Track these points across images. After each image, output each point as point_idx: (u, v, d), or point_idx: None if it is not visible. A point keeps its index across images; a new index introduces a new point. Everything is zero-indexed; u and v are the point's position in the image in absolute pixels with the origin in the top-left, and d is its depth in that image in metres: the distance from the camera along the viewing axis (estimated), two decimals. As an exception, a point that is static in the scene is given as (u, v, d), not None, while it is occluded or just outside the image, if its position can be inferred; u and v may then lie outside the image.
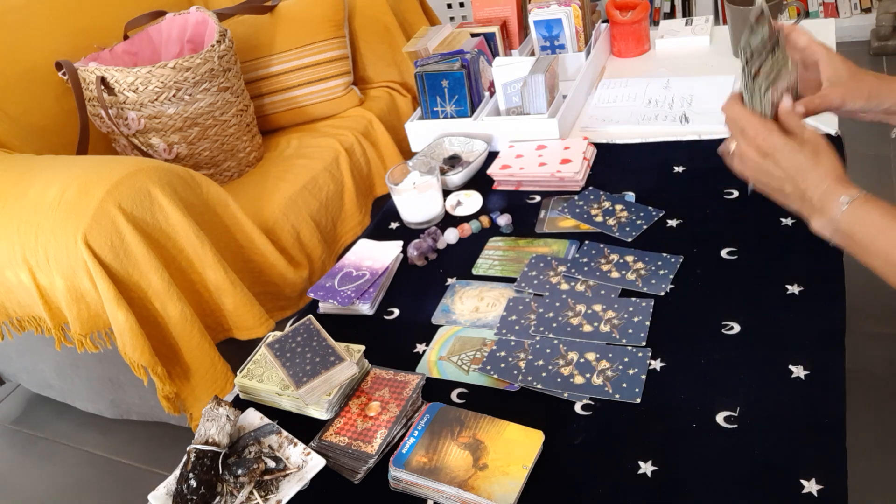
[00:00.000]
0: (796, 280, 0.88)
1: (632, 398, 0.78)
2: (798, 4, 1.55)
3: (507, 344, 0.89)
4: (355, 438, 0.80)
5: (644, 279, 0.93)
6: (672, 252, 0.97)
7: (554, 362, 0.85)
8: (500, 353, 0.88)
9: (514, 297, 0.96)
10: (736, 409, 0.75)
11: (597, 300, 0.92)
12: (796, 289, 0.87)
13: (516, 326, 0.91)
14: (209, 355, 1.37)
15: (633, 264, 0.96)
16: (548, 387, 0.82)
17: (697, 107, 1.28)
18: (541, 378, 0.83)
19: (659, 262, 0.96)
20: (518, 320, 0.92)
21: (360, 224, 1.81)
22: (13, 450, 1.82)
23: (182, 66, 1.58)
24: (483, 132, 1.31)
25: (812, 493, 0.65)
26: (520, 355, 0.87)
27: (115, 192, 1.27)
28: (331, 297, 1.02)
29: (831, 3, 2.72)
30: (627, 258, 0.98)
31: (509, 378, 0.84)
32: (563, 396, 0.81)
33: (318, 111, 1.95)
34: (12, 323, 1.46)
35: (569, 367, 0.84)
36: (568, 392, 0.81)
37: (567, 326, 0.89)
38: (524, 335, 0.90)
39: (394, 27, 2.03)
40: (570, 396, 0.81)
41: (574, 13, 1.43)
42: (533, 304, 0.94)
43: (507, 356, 0.87)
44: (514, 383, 0.84)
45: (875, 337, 1.56)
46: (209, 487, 0.76)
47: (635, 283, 0.93)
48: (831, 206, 0.71)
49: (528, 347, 0.88)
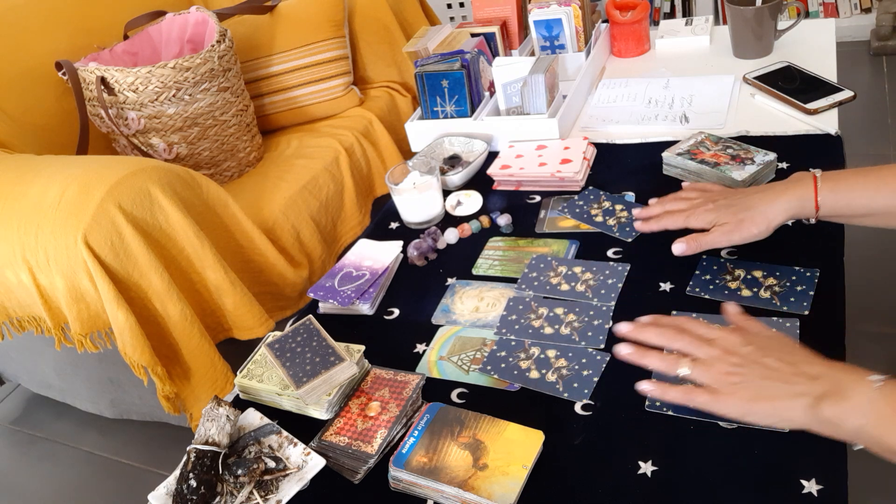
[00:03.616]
0: (796, 280, 0.88)
1: (579, 398, 0.80)
2: (798, 4, 1.56)
3: (507, 344, 0.89)
4: (355, 438, 0.80)
5: (781, 296, 0.86)
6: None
7: (515, 355, 0.87)
8: (501, 352, 0.88)
9: (514, 296, 0.96)
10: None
11: None
12: (796, 289, 0.87)
13: (516, 326, 0.91)
14: (209, 355, 1.37)
15: (764, 280, 0.89)
16: (502, 377, 0.84)
17: (697, 107, 1.28)
18: (499, 369, 0.86)
19: (793, 276, 0.88)
20: (518, 320, 0.92)
21: (360, 224, 1.81)
22: (13, 450, 1.82)
23: (182, 66, 1.58)
24: (483, 132, 1.31)
25: (812, 493, 0.65)
26: (520, 355, 0.87)
27: (115, 192, 1.27)
28: (331, 297, 1.02)
29: (831, 3, 2.72)
30: (756, 273, 0.90)
31: (509, 378, 0.84)
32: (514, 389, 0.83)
33: (318, 111, 1.95)
34: (12, 323, 1.46)
35: (528, 360, 0.86)
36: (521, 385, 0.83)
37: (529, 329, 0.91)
38: (524, 335, 0.90)
39: (394, 27, 2.04)
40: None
41: (574, 13, 1.43)
42: (533, 303, 0.94)
43: (508, 356, 0.87)
44: (513, 383, 0.84)
45: (875, 337, 1.56)
46: (209, 487, 0.77)
47: (772, 301, 0.86)
48: (858, 386, 0.64)
49: (528, 347, 0.88)
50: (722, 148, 1.08)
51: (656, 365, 0.73)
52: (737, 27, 1.39)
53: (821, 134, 1.14)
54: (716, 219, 0.87)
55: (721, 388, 0.68)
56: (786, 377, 0.66)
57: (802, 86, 1.24)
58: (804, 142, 1.13)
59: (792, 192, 0.84)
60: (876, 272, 1.68)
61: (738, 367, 0.68)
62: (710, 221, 0.87)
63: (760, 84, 1.27)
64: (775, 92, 1.24)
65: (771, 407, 0.66)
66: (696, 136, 1.12)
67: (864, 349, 1.51)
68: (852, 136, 1.26)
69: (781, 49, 1.40)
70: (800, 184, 0.84)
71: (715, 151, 1.08)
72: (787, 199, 0.83)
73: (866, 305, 1.60)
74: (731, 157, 1.06)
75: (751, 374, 0.67)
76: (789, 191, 0.84)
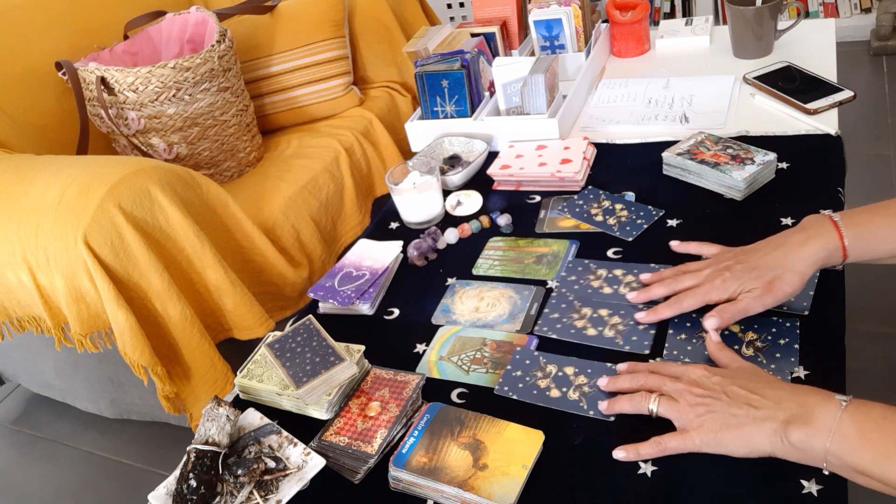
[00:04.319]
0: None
1: (605, 416, 0.77)
2: (798, 4, 1.56)
3: (521, 363, 0.86)
4: (355, 438, 0.80)
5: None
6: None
7: (532, 374, 0.84)
8: (516, 372, 0.85)
9: (555, 294, 0.93)
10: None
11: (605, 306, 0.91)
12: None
13: (558, 325, 0.89)
14: (209, 355, 1.37)
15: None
16: (522, 398, 0.82)
17: (697, 107, 1.28)
18: (517, 389, 0.83)
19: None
20: (560, 318, 0.90)
21: (360, 224, 1.81)
22: (13, 450, 1.82)
23: (182, 66, 1.58)
24: (483, 132, 1.31)
25: (812, 493, 0.65)
26: (537, 374, 0.84)
27: (115, 192, 1.27)
28: (331, 297, 1.02)
29: (831, 3, 2.72)
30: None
31: (529, 399, 0.81)
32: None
33: (318, 111, 1.95)
34: (12, 323, 1.46)
35: (546, 379, 0.83)
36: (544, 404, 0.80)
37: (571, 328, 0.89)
38: (566, 334, 0.88)
39: (394, 27, 2.04)
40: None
41: (574, 13, 1.43)
42: (576, 303, 0.92)
43: (524, 376, 0.84)
44: (536, 404, 0.81)
45: (875, 337, 1.56)
46: (209, 487, 0.77)
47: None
48: (825, 406, 0.63)
49: (544, 365, 0.85)
50: (722, 148, 1.08)
51: (626, 408, 0.74)
52: (737, 27, 1.39)
53: (821, 134, 1.14)
54: (739, 287, 0.80)
55: (689, 424, 0.69)
56: (750, 402, 0.67)
57: (802, 86, 1.24)
58: (804, 142, 1.13)
59: (816, 242, 0.78)
60: (876, 272, 1.68)
61: (703, 398, 0.69)
62: (735, 291, 0.80)
63: (760, 84, 1.27)
64: (775, 92, 1.24)
65: (740, 436, 0.66)
66: (696, 136, 1.12)
67: (864, 349, 1.52)
68: (852, 136, 1.26)
69: (781, 49, 1.40)
70: (822, 231, 0.78)
71: (715, 151, 1.08)
72: (814, 250, 0.77)
73: (866, 305, 1.61)
74: (731, 157, 1.06)
75: (715, 403, 0.68)
76: (812, 240, 0.78)
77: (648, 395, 0.73)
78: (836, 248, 0.77)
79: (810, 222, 0.81)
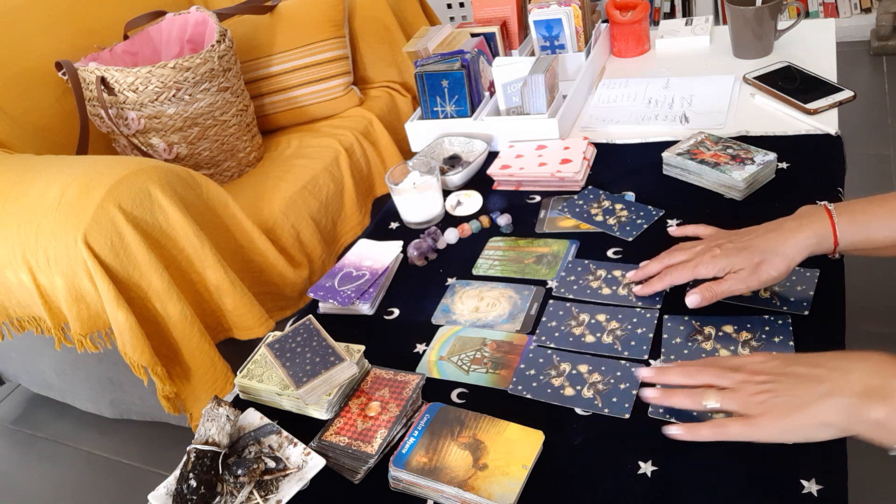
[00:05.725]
0: (796, 280, 0.88)
1: (621, 413, 0.77)
2: (798, 4, 1.56)
3: (535, 362, 0.86)
4: (355, 438, 0.80)
5: (781, 296, 0.85)
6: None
7: (546, 372, 0.84)
8: (529, 371, 0.85)
9: (553, 301, 0.93)
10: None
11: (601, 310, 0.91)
12: (796, 289, 0.87)
13: (556, 334, 0.89)
14: (209, 355, 1.37)
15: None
16: (536, 396, 0.81)
17: (697, 107, 1.28)
18: (531, 388, 0.83)
19: (793, 276, 0.87)
20: (558, 327, 0.89)
21: (360, 224, 1.81)
22: (13, 450, 1.82)
23: (182, 66, 1.58)
24: (483, 132, 1.31)
25: (812, 493, 0.65)
26: (551, 373, 0.84)
27: (115, 192, 1.27)
28: (331, 297, 1.02)
29: (831, 3, 2.72)
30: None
31: (544, 398, 0.81)
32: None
33: (318, 111, 1.95)
34: (12, 323, 1.46)
35: (560, 377, 0.83)
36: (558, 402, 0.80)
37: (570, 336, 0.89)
38: (564, 343, 0.87)
39: (394, 27, 2.04)
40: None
41: (574, 13, 1.43)
42: (574, 309, 0.92)
43: (538, 374, 0.84)
44: (551, 402, 0.81)
45: (875, 337, 1.56)
46: (209, 487, 0.77)
47: (772, 301, 0.85)
48: None
49: (557, 364, 0.84)
50: (722, 148, 1.08)
51: (683, 402, 0.71)
52: (737, 27, 1.39)
53: (821, 134, 1.14)
54: (728, 265, 0.80)
55: (753, 411, 0.65)
56: (814, 377, 0.63)
57: (802, 86, 1.24)
58: (804, 142, 1.13)
59: (808, 229, 0.79)
60: (876, 272, 1.68)
61: (765, 385, 0.66)
62: (723, 268, 0.81)
63: (760, 84, 1.27)
64: (775, 92, 1.24)
65: (807, 415, 0.62)
66: (696, 136, 1.12)
67: (863, 349, 1.51)
68: (852, 136, 1.26)
69: (781, 49, 1.40)
70: (814, 218, 0.79)
71: (715, 151, 1.08)
72: (805, 235, 0.78)
73: (866, 305, 1.60)
74: (731, 157, 1.06)
75: (779, 387, 0.65)
76: (805, 227, 0.79)
77: (706, 391, 0.69)
78: (827, 235, 0.78)
79: (805, 211, 0.82)
